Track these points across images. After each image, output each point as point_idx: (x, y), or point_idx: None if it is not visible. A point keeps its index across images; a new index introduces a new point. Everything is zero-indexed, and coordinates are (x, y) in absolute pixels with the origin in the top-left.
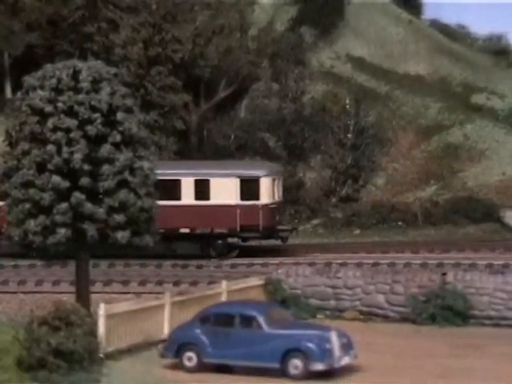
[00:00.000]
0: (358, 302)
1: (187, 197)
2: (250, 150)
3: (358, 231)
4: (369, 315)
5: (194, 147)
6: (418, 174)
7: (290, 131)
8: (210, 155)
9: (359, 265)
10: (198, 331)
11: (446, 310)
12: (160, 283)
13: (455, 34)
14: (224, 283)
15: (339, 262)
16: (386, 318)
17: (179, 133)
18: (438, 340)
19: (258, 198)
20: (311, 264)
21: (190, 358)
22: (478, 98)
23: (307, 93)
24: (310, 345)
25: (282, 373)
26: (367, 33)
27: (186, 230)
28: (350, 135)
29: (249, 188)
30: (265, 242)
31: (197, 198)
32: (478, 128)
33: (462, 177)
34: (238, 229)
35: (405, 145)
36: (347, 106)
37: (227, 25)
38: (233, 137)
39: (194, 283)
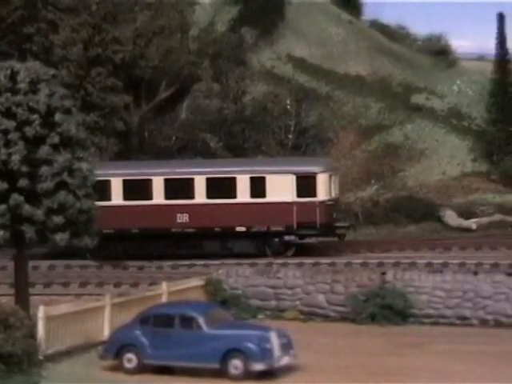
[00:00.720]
0: (298, 302)
1: (243, 194)
2: (192, 151)
3: None
4: (309, 315)
5: (135, 148)
6: (359, 174)
7: (231, 131)
8: (152, 156)
9: (300, 265)
10: (137, 332)
11: (386, 309)
12: (101, 285)
13: (395, 34)
14: (164, 284)
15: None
16: (326, 318)
17: (120, 134)
18: (378, 339)
19: (314, 195)
20: (252, 264)
21: (130, 360)
22: (418, 98)
23: (248, 93)
24: (250, 345)
25: (222, 373)
26: (308, 33)
27: (242, 229)
28: (290, 135)
29: (305, 185)
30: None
31: (252, 195)
32: (418, 128)
33: (402, 176)
34: (295, 226)
35: (346, 145)
36: (288, 107)
37: (168, 25)
38: (174, 137)
39: (135, 284)
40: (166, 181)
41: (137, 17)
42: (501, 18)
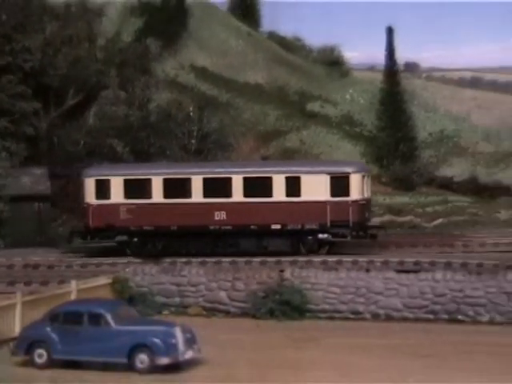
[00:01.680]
0: (201, 299)
1: (278, 194)
2: (99, 156)
3: None
4: (212, 311)
5: (44, 153)
6: None
7: (136, 137)
8: (61, 161)
9: (203, 263)
10: (48, 329)
11: (284, 305)
12: (12, 283)
13: (291, 45)
14: (73, 282)
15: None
16: (227, 314)
17: (30, 139)
18: (277, 333)
19: (348, 195)
20: (157, 263)
21: (41, 355)
22: (313, 106)
23: (153, 100)
24: (156, 340)
25: (129, 367)
26: (209, 44)
27: (278, 227)
28: (193, 141)
29: (339, 184)
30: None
31: (288, 194)
32: (314, 134)
33: None
34: (329, 224)
35: (245, 150)
36: (191, 113)
37: (76, 35)
38: (82, 142)
39: (45, 283)
40: (204, 180)
41: (46, 27)
42: (389, 31)
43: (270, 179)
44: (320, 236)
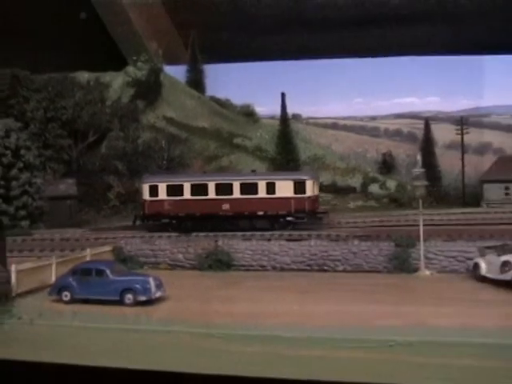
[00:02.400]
0: (167, 259)
1: (262, 192)
2: (109, 172)
3: None
4: (174, 266)
5: (74, 170)
6: None
7: (130, 160)
8: (84, 175)
9: (169, 237)
10: (70, 279)
11: (218, 262)
12: (52, 250)
13: (224, 103)
14: (88, 250)
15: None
16: (184, 268)
17: (65, 162)
18: (213, 279)
19: (304, 193)
20: (142, 236)
21: (66, 296)
22: (237, 140)
23: (140, 138)
24: (137, 285)
25: (121, 302)
26: (174, 103)
27: (261, 213)
28: (165, 162)
29: (299, 187)
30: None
31: (268, 193)
32: (238, 157)
33: None
34: (293, 211)
35: (196, 167)
36: (163, 145)
37: (93, 99)
38: (98, 163)
39: (72, 250)
40: (216, 184)
41: (75, 93)
42: (283, 95)
43: (256, 183)
44: (288, 218)
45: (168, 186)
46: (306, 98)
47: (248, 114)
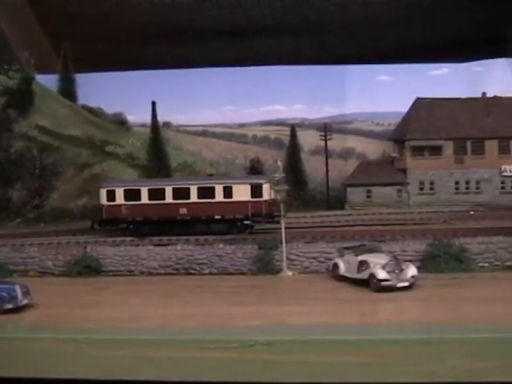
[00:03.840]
0: (36, 266)
1: (219, 196)
2: None
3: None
4: (43, 273)
5: None
6: (77, 190)
7: (3, 168)
8: None
9: (40, 244)
10: None
11: (87, 268)
12: None
13: (97, 112)
14: None
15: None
16: (53, 275)
17: None
18: (83, 286)
19: (261, 196)
20: (13, 244)
21: None
22: (110, 148)
23: (13, 147)
24: (3, 293)
25: None
26: (46, 112)
27: (219, 217)
28: (37, 170)
29: (256, 190)
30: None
31: (225, 197)
32: (111, 165)
33: None
34: (250, 215)
35: (69, 174)
36: (35, 153)
37: None
38: None
39: None
40: (173, 189)
41: None
42: (153, 103)
43: (214, 187)
44: (245, 222)
45: (125, 191)
46: (177, 106)
47: (120, 122)
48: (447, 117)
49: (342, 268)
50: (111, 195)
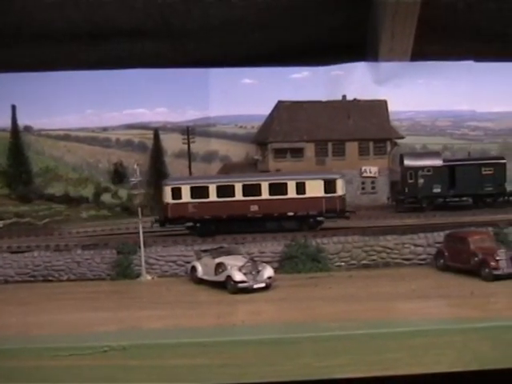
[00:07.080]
0: None
1: (292, 192)
2: None
3: None
4: None
5: None
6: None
7: None
8: None
9: None
10: None
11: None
12: None
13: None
14: None
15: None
16: None
17: None
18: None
19: (335, 192)
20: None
21: None
22: None
23: None
24: None
25: None
26: None
27: (291, 213)
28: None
29: (329, 186)
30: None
31: (297, 193)
32: None
33: None
34: (324, 211)
35: None
36: None
37: None
38: None
39: None
40: (243, 185)
41: None
42: (13, 107)
43: (285, 183)
44: (318, 218)
45: (192, 188)
46: (38, 110)
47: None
48: (308, 119)
49: (200, 271)
50: (177, 193)
